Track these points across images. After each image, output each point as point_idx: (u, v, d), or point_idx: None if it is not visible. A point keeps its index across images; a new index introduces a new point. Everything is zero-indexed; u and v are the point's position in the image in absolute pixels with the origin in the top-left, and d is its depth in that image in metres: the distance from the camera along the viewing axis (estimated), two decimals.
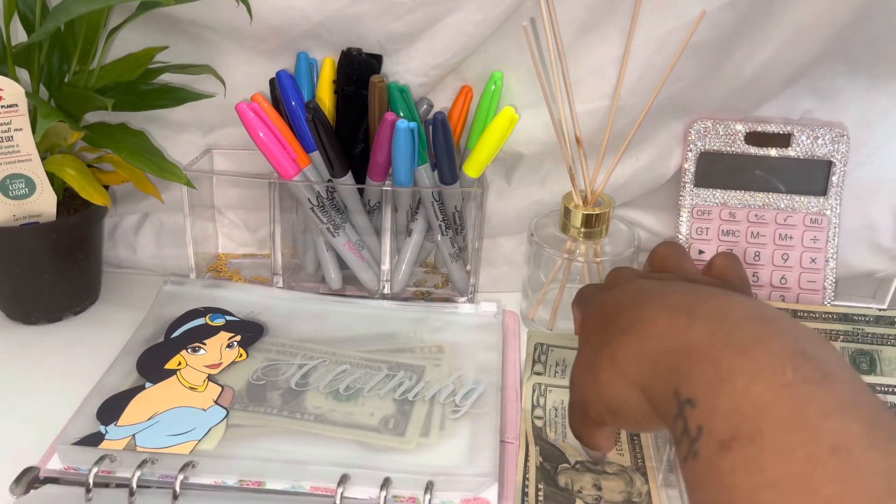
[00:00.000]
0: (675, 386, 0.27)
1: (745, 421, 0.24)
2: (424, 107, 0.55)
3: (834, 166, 0.55)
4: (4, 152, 0.49)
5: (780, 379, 0.24)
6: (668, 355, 0.28)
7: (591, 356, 0.33)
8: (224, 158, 0.59)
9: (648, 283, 0.35)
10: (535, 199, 0.58)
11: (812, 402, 0.23)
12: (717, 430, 0.24)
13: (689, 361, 0.27)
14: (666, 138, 0.56)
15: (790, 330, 0.27)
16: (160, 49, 0.53)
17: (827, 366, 0.25)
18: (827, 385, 0.24)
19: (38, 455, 0.42)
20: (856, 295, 0.60)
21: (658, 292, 0.32)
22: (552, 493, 0.41)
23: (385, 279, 0.57)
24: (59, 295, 0.55)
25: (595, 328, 0.34)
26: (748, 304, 0.29)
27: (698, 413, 0.25)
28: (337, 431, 0.44)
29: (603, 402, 0.32)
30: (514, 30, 0.51)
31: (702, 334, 0.27)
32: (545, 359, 0.51)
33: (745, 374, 0.25)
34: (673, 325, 0.29)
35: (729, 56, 0.51)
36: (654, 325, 0.29)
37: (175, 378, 0.47)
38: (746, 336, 0.26)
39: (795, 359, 0.25)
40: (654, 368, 0.29)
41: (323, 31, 0.51)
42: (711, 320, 0.28)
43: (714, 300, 0.29)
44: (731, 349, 0.26)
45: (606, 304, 0.34)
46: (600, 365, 0.32)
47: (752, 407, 0.24)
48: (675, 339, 0.28)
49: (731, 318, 0.28)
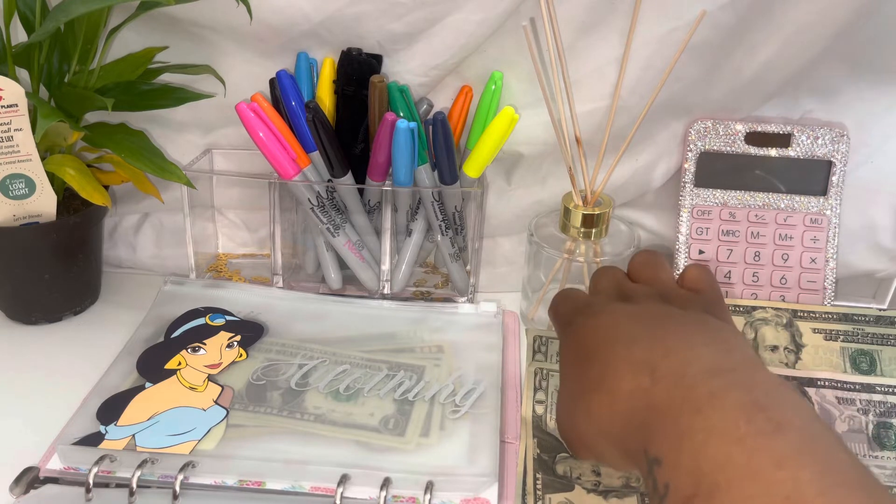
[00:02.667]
0: (643, 445, 0.28)
1: (704, 477, 0.25)
2: (424, 107, 0.55)
3: (834, 166, 0.55)
4: (4, 152, 0.49)
5: (733, 433, 0.25)
6: (635, 414, 0.29)
7: (568, 403, 0.34)
8: (224, 158, 0.59)
9: (619, 313, 0.35)
10: (535, 199, 0.58)
11: (764, 453, 0.24)
12: (681, 486, 0.25)
13: (653, 421, 0.28)
14: (666, 138, 0.56)
15: (746, 381, 0.28)
16: (160, 49, 0.53)
17: (780, 414, 0.25)
18: (779, 435, 0.25)
19: (38, 455, 0.42)
20: (856, 295, 0.60)
21: (625, 338, 0.33)
22: (551, 481, 0.41)
23: (385, 279, 0.57)
24: (59, 295, 0.55)
25: (571, 364, 0.35)
26: (709, 354, 0.30)
27: (664, 471, 0.26)
28: (337, 431, 0.44)
29: (586, 449, 0.34)
30: (514, 30, 0.51)
31: (662, 394, 0.29)
32: (546, 349, 0.51)
33: (702, 430, 0.26)
34: (637, 387, 0.30)
35: (729, 56, 0.51)
36: (620, 384, 0.31)
37: (175, 378, 0.47)
38: (703, 392, 0.27)
39: (748, 410, 0.26)
40: (626, 427, 0.30)
41: (323, 31, 0.51)
42: (671, 379, 0.29)
43: (677, 353, 0.30)
44: (689, 406, 0.27)
45: (582, 338, 0.35)
46: (577, 417, 0.33)
47: (709, 462, 0.25)
48: (639, 400, 0.30)
49: (689, 375, 0.28)
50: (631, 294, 0.37)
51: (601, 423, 0.31)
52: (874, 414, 0.47)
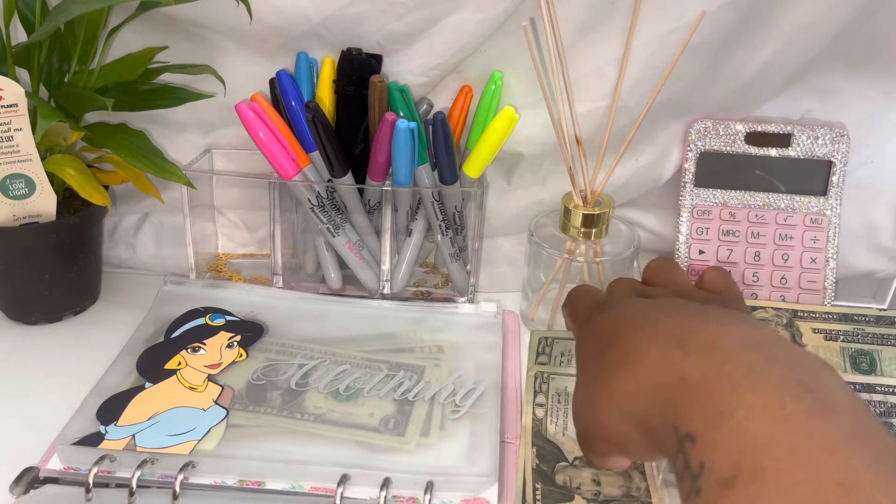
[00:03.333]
0: (673, 421, 0.26)
1: (745, 457, 0.23)
2: (424, 107, 0.55)
3: (834, 166, 0.55)
4: (4, 152, 0.49)
5: (778, 412, 0.24)
6: (663, 390, 0.28)
7: (588, 389, 0.33)
8: (224, 158, 0.59)
9: (640, 304, 0.34)
10: (535, 199, 0.58)
11: (814, 435, 0.23)
12: (718, 466, 0.24)
13: (685, 396, 0.27)
14: (666, 138, 0.56)
15: (786, 357, 0.26)
16: (160, 49, 0.53)
17: (827, 396, 0.24)
18: (828, 417, 0.23)
19: (38, 455, 0.42)
20: (856, 295, 0.60)
21: (650, 320, 0.31)
22: (550, 491, 0.41)
23: (385, 279, 0.57)
24: (59, 295, 0.55)
25: (590, 355, 0.34)
26: (741, 329, 0.28)
27: (698, 449, 0.25)
28: (337, 431, 0.44)
29: (606, 437, 0.32)
30: (514, 30, 0.51)
31: (695, 367, 0.27)
32: (549, 350, 0.50)
33: (743, 407, 0.24)
34: (665, 359, 0.28)
35: (729, 56, 0.51)
36: (646, 359, 0.29)
37: (175, 378, 0.47)
38: (741, 367, 0.26)
39: (794, 389, 0.24)
40: (651, 404, 0.28)
41: (323, 31, 0.51)
42: (704, 352, 0.27)
43: (706, 329, 0.29)
44: (726, 381, 0.25)
45: (601, 329, 0.34)
46: (598, 400, 0.31)
47: (751, 442, 0.23)
48: (668, 374, 0.28)
49: (724, 348, 0.27)
50: (649, 294, 0.36)
51: (624, 403, 0.30)
52: (874, 414, 0.47)
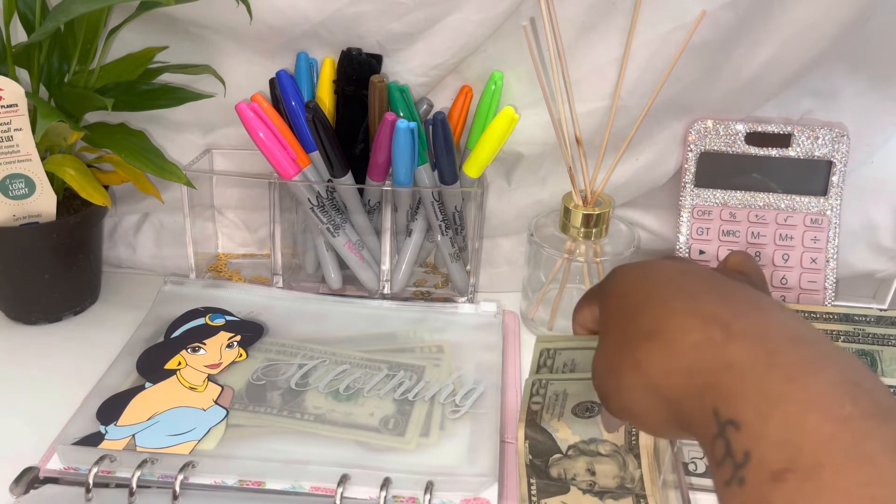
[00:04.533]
0: (713, 405, 0.26)
1: (801, 452, 0.22)
2: (424, 107, 0.55)
3: (834, 166, 0.55)
4: (4, 152, 0.49)
5: (838, 411, 0.23)
6: (703, 372, 0.27)
7: (612, 353, 0.32)
8: (224, 158, 0.59)
9: (669, 267, 0.33)
10: (535, 199, 0.58)
11: (874, 438, 0.22)
12: (769, 457, 0.23)
13: (730, 380, 0.26)
14: (666, 138, 0.56)
15: (837, 357, 0.25)
16: (160, 49, 0.53)
17: (882, 399, 0.24)
18: (886, 421, 0.23)
19: (38, 455, 0.42)
20: (856, 295, 0.60)
21: (684, 291, 0.30)
22: (545, 485, 0.41)
23: (385, 279, 0.57)
24: (59, 295, 0.55)
25: (617, 318, 0.32)
26: (787, 322, 0.27)
27: (744, 437, 0.24)
28: (337, 431, 0.44)
29: (622, 405, 0.31)
30: (514, 30, 0.51)
31: (743, 353, 0.26)
32: (552, 363, 0.47)
33: (799, 402, 0.24)
34: (707, 340, 0.27)
35: (729, 56, 0.51)
36: (684, 336, 0.28)
37: (175, 378, 0.47)
38: (794, 360, 0.25)
39: (851, 390, 0.24)
40: (687, 383, 0.27)
41: (323, 31, 0.51)
42: (752, 339, 0.26)
43: (750, 314, 0.28)
44: (779, 373, 0.25)
45: (628, 288, 0.33)
46: (622, 368, 0.30)
47: (808, 438, 0.23)
48: (710, 356, 0.27)
49: (773, 339, 0.26)
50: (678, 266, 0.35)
51: (651, 375, 0.29)
52: None
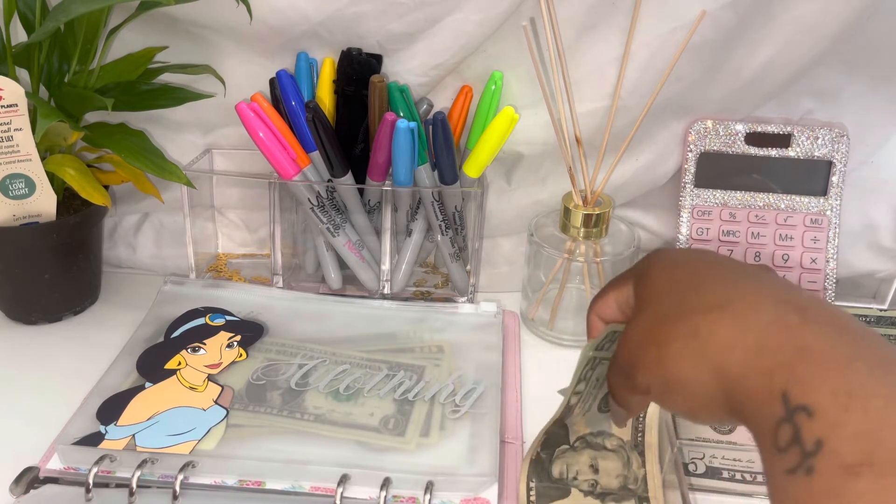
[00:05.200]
0: (782, 387, 0.25)
1: (883, 447, 0.22)
2: (424, 107, 0.55)
3: (834, 166, 0.55)
4: (4, 152, 0.49)
5: None
6: (774, 351, 0.26)
7: (657, 323, 0.30)
8: (224, 158, 0.59)
9: (713, 254, 0.32)
10: (535, 199, 0.58)
11: None
12: (845, 448, 0.22)
13: (805, 364, 0.25)
14: (666, 138, 0.56)
15: None
16: (160, 49, 0.53)
17: None
18: None
19: (38, 455, 0.42)
20: (856, 295, 0.60)
21: (749, 275, 0.30)
22: (545, 489, 0.40)
23: (385, 279, 0.57)
24: (59, 295, 0.55)
25: (665, 291, 0.31)
26: (854, 318, 0.27)
27: (817, 424, 0.23)
28: (337, 431, 0.44)
29: (661, 376, 0.29)
30: (514, 30, 0.51)
31: (821, 340, 0.25)
32: (590, 375, 0.39)
33: (883, 396, 0.23)
34: (781, 321, 0.27)
35: (729, 56, 0.51)
36: (756, 314, 0.27)
37: (175, 378, 0.47)
38: (875, 354, 0.25)
39: None
40: (752, 361, 0.26)
41: (323, 31, 0.51)
42: (830, 327, 0.26)
43: (821, 305, 0.27)
44: (860, 364, 0.24)
45: (680, 265, 0.32)
46: (671, 336, 0.29)
47: (891, 434, 0.22)
48: (784, 337, 0.26)
49: (850, 331, 0.26)
50: None
51: (711, 346, 0.28)
52: None
